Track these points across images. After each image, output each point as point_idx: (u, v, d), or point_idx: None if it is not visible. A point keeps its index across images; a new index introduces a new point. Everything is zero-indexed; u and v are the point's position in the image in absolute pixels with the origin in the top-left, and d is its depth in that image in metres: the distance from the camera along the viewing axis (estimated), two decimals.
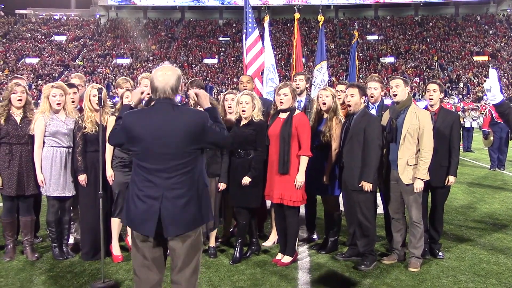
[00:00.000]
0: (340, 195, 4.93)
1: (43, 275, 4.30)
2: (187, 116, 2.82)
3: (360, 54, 43.34)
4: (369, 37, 50.33)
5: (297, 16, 8.24)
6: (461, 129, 14.66)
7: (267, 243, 5.23)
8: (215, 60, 47.81)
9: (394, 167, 4.54)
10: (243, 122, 4.69)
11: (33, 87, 35.72)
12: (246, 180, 4.59)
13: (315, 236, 5.47)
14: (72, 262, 4.64)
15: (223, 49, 49.99)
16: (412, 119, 4.44)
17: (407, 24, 52.99)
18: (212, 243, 4.90)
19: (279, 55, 42.84)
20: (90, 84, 4.91)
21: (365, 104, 4.66)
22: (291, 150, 4.48)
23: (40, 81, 41.37)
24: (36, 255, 4.74)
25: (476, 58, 44.55)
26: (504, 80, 39.67)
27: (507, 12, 52.29)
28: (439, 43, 48.08)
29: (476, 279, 4.27)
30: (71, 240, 5.11)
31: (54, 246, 4.75)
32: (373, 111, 5.02)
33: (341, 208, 5.05)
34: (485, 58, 44.31)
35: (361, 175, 4.42)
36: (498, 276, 4.36)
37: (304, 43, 45.26)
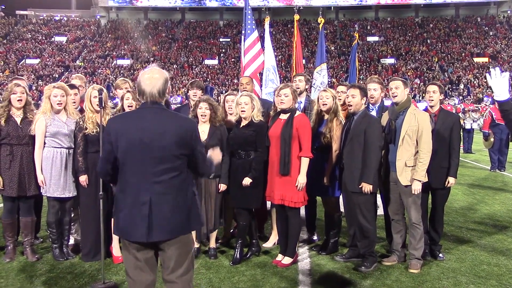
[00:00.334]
0: (341, 196, 4.93)
1: (43, 276, 4.30)
2: (176, 121, 2.80)
3: (361, 55, 43.30)
4: (370, 38, 50.35)
5: (297, 18, 8.24)
6: (462, 131, 14.67)
7: (268, 244, 5.23)
8: (216, 61, 47.81)
9: (393, 169, 4.54)
10: (243, 123, 4.70)
11: (34, 88, 35.77)
12: (247, 181, 4.59)
13: (316, 237, 5.47)
14: (73, 263, 4.65)
15: (224, 50, 49.99)
16: (411, 121, 4.44)
17: (408, 26, 53.00)
18: (212, 244, 4.90)
19: (280, 56, 42.83)
20: (91, 85, 4.91)
21: (366, 106, 4.66)
22: (292, 151, 4.48)
23: (41, 82, 41.39)
24: (36, 256, 4.75)
25: (477, 60, 44.54)
26: None
27: (508, 14, 52.30)
28: (440, 45, 48.10)
29: (477, 281, 4.27)
30: (72, 241, 5.10)
31: (55, 247, 4.75)
32: (374, 113, 5.03)
33: (341, 210, 5.05)
34: (486, 60, 44.29)
35: (361, 177, 4.42)
36: (499, 278, 4.36)
37: (305, 45, 45.26)
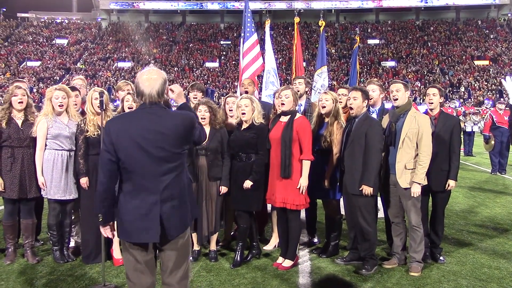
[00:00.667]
0: (341, 199, 4.93)
1: (44, 279, 4.30)
2: (177, 119, 2.80)
3: (361, 58, 43.32)
4: (370, 41, 50.38)
5: (297, 20, 8.25)
6: (462, 133, 14.64)
7: (268, 247, 5.22)
8: (216, 64, 47.86)
9: (393, 171, 4.54)
10: (244, 126, 4.70)
11: (34, 91, 35.80)
12: (248, 184, 4.59)
13: (316, 240, 5.47)
14: (73, 266, 4.64)
15: (224, 53, 50.05)
16: (412, 123, 4.44)
17: (408, 28, 53.04)
18: (213, 247, 4.90)
19: (280, 59, 42.88)
20: (92, 88, 4.92)
21: (367, 108, 4.67)
22: (293, 154, 4.48)
23: (42, 85, 41.45)
24: (37, 258, 4.74)
25: (477, 63, 44.54)
26: None
27: (508, 17, 52.32)
28: (440, 48, 48.12)
29: (477, 284, 4.26)
30: (72, 243, 5.10)
31: (55, 249, 4.75)
32: (374, 115, 5.02)
33: (342, 212, 5.05)
34: (486, 63, 44.32)
35: (362, 179, 4.42)
36: (499, 281, 4.35)
37: (305, 47, 45.32)
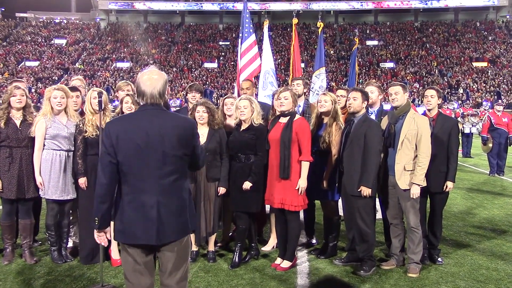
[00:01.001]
0: (339, 200, 4.93)
1: (42, 279, 4.29)
2: (176, 121, 2.79)
3: (360, 59, 43.37)
4: (369, 42, 50.48)
5: (295, 21, 8.22)
6: (461, 135, 14.64)
7: (266, 248, 5.23)
8: (215, 65, 47.88)
9: (392, 173, 4.55)
10: (243, 127, 4.70)
11: (33, 91, 35.74)
12: (247, 185, 4.58)
13: (314, 241, 5.47)
14: (71, 266, 4.64)
15: (223, 54, 50.08)
16: (411, 125, 4.45)
17: (407, 30, 53.15)
18: (211, 248, 4.90)
19: (279, 60, 42.92)
20: (91, 88, 4.92)
21: (366, 110, 4.67)
22: (292, 155, 4.48)
23: (40, 85, 41.41)
24: (35, 259, 4.74)
25: (476, 64, 44.68)
26: (504, 86, 39.76)
27: (507, 19, 52.51)
28: (439, 49, 48.23)
29: (475, 285, 4.27)
30: (70, 244, 5.09)
31: (53, 250, 4.74)
32: (372, 117, 5.03)
33: (340, 213, 5.05)
34: (485, 64, 44.45)
35: (361, 180, 4.42)
36: (497, 282, 4.35)
37: (304, 48, 45.40)
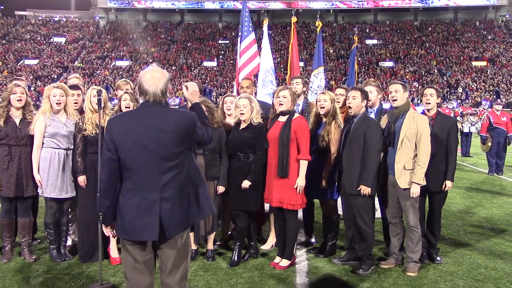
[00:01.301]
0: (339, 199, 4.94)
1: (41, 277, 4.29)
2: (178, 117, 2.81)
3: (359, 58, 43.40)
4: (368, 42, 50.47)
5: (294, 20, 8.22)
6: (460, 134, 14.63)
7: (265, 247, 5.23)
8: (214, 63, 47.86)
9: (391, 172, 4.55)
10: (243, 126, 4.70)
11: (32, 89, 35.70)
12: (246, 184, 4.58)
13: (313, 240, 5.47)
14: (70, 264, 4.64)
15: (222, 52, 50.04)
16: (410, 124, 4.45)
17: (406, 29, 53.14)
18: (210, 246, 4.90)
19: (278, 59, 42.88)
20: (90, 86, 4.91)
21: (365, 109, 4.67)
22: (290, 154, 4.48)
23: (39, 83, 41.36)
24: (34, 257, 4.73)
25: (475, 63, 44.69)
26: (503, 85, 39.79)
27: (506, 18, 52.50)
28: (438, 48, 48.24)
29: (474, 284, 4.27)
30: (69, 242, 5.09)
31: (52, 248, 4.74)
32: (372, 115, 5.03)
33: (339, 212, 5.05)
34: (484, 64, 44.46)
35: (360, 179, 4.42)
36: (496, 281, 4.36)
37: (304, 47, 45.37)
